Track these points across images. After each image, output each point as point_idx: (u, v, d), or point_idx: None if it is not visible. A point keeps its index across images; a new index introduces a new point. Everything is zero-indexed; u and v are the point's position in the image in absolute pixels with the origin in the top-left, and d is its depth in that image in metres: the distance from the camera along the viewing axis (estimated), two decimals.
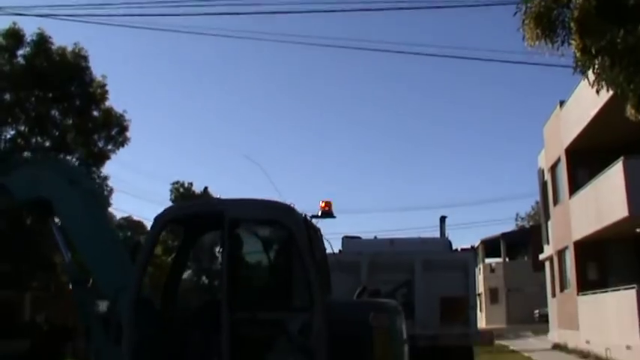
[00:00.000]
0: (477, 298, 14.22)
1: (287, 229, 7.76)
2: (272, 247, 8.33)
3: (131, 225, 48.30)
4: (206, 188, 43.32)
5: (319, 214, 9.15)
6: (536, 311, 52.10)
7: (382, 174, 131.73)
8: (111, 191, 31.80)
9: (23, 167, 9.74)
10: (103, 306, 8.68)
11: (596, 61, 9.81)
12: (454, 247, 16.07)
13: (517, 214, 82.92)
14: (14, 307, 34.04)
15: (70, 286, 9.03)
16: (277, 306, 7.81)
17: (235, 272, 7.64)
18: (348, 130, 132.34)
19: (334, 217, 9.38)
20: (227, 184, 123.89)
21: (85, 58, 29.51)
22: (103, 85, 30.05)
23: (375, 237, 16.43)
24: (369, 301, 9.23)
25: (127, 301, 7.51)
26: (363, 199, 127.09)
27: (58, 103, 29.06)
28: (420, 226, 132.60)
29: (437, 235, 17.08)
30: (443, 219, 17.37)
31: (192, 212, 8.53)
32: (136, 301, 7.52)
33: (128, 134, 30.96)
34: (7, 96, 28.10)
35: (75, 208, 8.97)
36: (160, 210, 7.88)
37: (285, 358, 7.37)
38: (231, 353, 7.16)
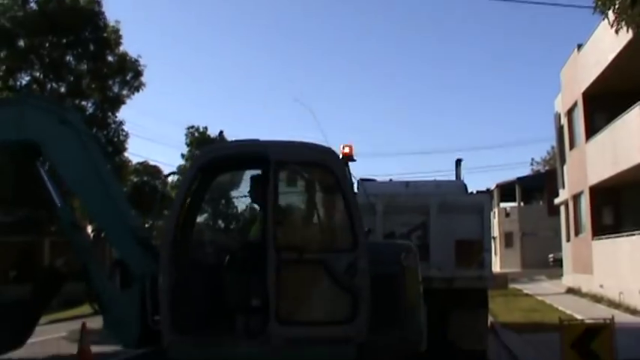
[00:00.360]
0: (492, 241, 14.22)
1: (330, 171, 7.86)
2: (315, 189, 8.37)
3: (147, 170, 48.41)
4: (221, 132, 43.37)
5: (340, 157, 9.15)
6: (551, 255, 52.22)
7: (398, 118, 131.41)
8: (127, 136, 31.91)
9: (6, 107, 8.88)
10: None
11: (617, 1, 9.66)
12: (469, 191, 16.06)
13: (532, 159, 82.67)
14: (34, 253, 34.45)
15: (66, 232, 8.67)
16: (322, 247, 7.97)
17: (280, 214, 7.67)
18: (364, 72, 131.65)
19: (354, 160, 9.37)
20: (243, 129, 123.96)
21: (98, 3, 29.36)
22: (116, 30, 29.95)
23: (391, 180, 16.42)
24: (396, 242, 9.45)
25: (164, 246, 7.49)
26: (379, 142, 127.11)
27: (72, 48, 29.00)
28: (436, 170, 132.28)
29: (452, 178, 17.07)
30: (458, 162, 17.29)
31: (236, 153, 8.28)
32: (172, 247, 7.49)
33: (143, 79, 30.98)
34: (21, 42, 28.06)
35: (68, 150, 8.50)
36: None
37: (330, 297, 7.58)
38: (278, 294, 7.24)
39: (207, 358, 7.38)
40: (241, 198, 9.31)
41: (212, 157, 8.10)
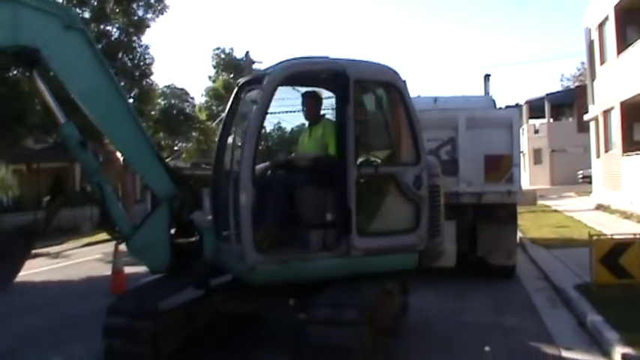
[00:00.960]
0: (521, 156, 14.07)
1: (398, 90, 8.16)
2: (385, 107, 8.57)
3: (174, 93, 48.40)
4: (247, 53, 42.99)
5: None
6: (580, 172, 51.97)
7: (426, 32, 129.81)
8: (152, 60, 31.80)
9: None
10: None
11: None
12: (498, 107, 15.90)
13: (562, 75, 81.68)
14: (65, 178, 34.92)
15: (72, 152, 7.85)
16: (392, 161, 8.33)
17: (357, 131, 7.75)
18: None
19: None
20: (267, 51, 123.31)
21: None
22: None
23: (419, 95, 16.29)
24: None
25: (244, 166, 7.34)
26: (406, 58, 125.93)
27: None
28: (464, 87, 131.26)
29: (481, 94, 16.89)
30: (487, 77, 17.13)
31: (315, 70, 8.20)
32: (252, 167, 7.42)
33: (167, 1, 30.75)
34: None
35: (77, 58, 7.57)
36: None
37: (400, 208, 8.02)
38: (358, 207, 7.50)
39: (290, 275, 7.48)
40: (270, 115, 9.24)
41: (291, 72, 7.89)
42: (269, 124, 9.26)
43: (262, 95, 7.49)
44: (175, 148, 48.49)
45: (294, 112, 8.94)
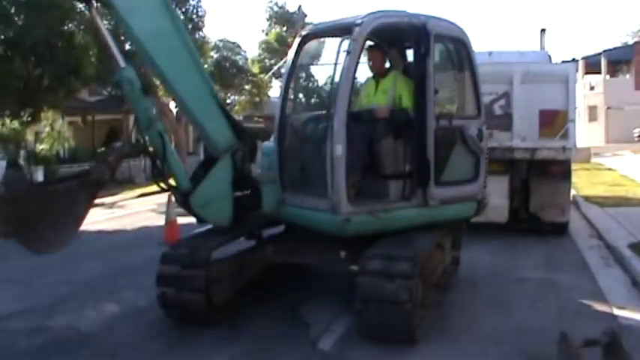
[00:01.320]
0: (576, 112, 13.76)
1: (466, 46, 8.46)
2: (454, 62, 8.82)
3: (227, 46, 48.37)
4: (300, 7, 42.98)
5: None
6: (636, 130, 50.88)
7: None
8: (205, 12, 31.85)
9: None
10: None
11: None
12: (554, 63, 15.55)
13: (621, 31, 79.53)
14: (120, 130, 35.41)
15: (130, 99, 7.18)
16: (459, 114, 8.65)
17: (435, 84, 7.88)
18: None
19: None
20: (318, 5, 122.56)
21: None
22: None
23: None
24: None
25: (338, 117, 7.27)
26: (459, 11, 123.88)
27: None
28: (519, 43, 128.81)
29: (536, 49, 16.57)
30: (543, 31, 16.78)
31: (399, 22, 8.11)
32: (346, 118, 7.33)
33: None
34: None
35: None
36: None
37: (465, 159, 8.37)
38: (436, 158, 7.75)
39: (377, 225, 7.56)
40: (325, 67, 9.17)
41: (380, 24, 7.81)
42: (322, 78, 9.28)
43: (354, 46, 7.47)
44: (228, 101, 48.53)
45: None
